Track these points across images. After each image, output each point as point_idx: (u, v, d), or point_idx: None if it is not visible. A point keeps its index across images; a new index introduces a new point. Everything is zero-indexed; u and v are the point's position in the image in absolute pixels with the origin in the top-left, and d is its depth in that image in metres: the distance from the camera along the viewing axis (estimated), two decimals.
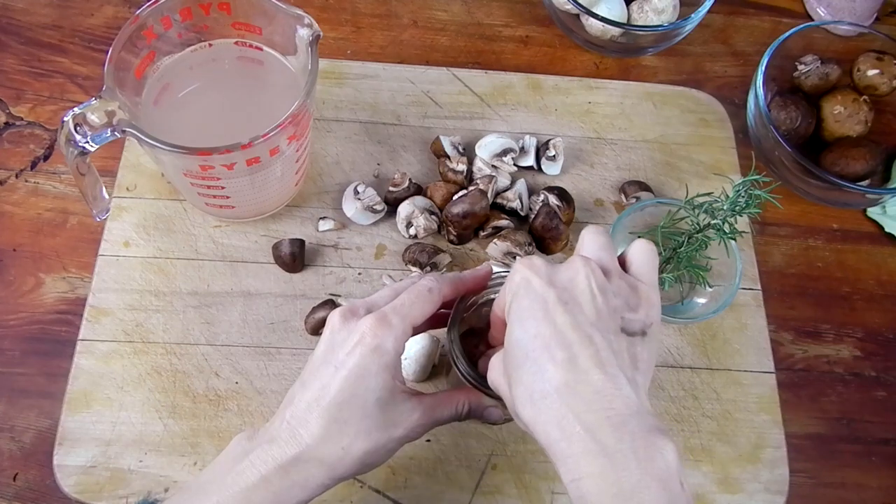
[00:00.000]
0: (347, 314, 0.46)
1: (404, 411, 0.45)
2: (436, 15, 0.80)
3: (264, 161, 0.56)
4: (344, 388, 0.43)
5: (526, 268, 0.42)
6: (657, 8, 0.76)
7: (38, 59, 0.74)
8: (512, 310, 0.42)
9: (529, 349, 0.40)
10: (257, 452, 0.43)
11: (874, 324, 0.69)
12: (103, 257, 0.64)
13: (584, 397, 0.38)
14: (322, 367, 0.45)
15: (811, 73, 0.74)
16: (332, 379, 0.44)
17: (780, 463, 0.61)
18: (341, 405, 0.43)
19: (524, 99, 0.74)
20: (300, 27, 0.56)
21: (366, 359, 0.43)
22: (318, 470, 0.43)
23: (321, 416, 0.43)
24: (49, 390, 0.60)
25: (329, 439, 0.43)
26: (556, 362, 0.39)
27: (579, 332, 0.39)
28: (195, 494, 0.44)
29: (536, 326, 0.40)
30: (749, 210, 0.57)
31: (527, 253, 0.64)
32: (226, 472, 0.43)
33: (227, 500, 0.42)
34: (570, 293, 0.41)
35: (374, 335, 0.44)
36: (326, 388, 0.43)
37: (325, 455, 0.43)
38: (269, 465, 0.42)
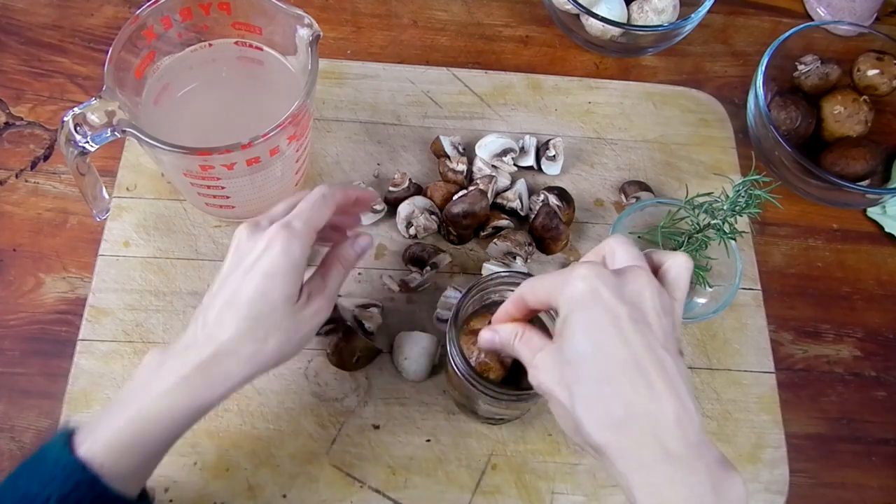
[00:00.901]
0: (252, 227, 0.49)
1: (309, 302, 0.49)
2: (436, 15, 0.80)
3: (264, 161, 0.56)
4: (256, 289, 0.46)
5: (593, 275, 0.41)
6: (657, 8, 0.76)
7: (38, 59, 0.74)
8: (577, 320, 0.41)
9: (604, 369, 0.39)
10: (175, 359, 0.46)
11: (874, 324, 0.69)
12: (103, 257, 0.64)
13: (664, 426, 0.38)
14: (232, 274, 0.47)
15: (811, 73, 0.74)
16: (243, 281, 0.46)
17: (780, 463, 0.61)
18: (252, 303, 0.46)
19: (524, 99, 0.74)
20: (300, 27, 0.56)
21: (275, 261, 0.46)
22: (237, 364, 0.46)
23: (235, 315, 0.46)
24: (49, 390, 0.59)
25: (244, 336, 0.46)
26: (636, 388, 0.38)
27: (653, 356, 0.39)
28: (115, 407, 0.45)
29: (611, 346, 0.39)
30: (749, 210, 0.57)
31: (527, 253, 0.64)
32: (144, 383, 0.45)
33: (148, 404, 0.44)
34: (640, 311, 0.40)
35: (282, 239, 0.47)
36: (238, 291, 0.46)
37: (242, 350, 0.46)
38: (187, 367, 0.45)
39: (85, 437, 0.43)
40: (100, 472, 0.42)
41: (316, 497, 0.57)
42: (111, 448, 0.43)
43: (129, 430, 0.44)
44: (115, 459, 0.43)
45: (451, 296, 0.63)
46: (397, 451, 0.59)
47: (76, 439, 0.43)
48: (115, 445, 0.43)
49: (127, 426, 0.44)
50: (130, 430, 0.44)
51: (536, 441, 0.60)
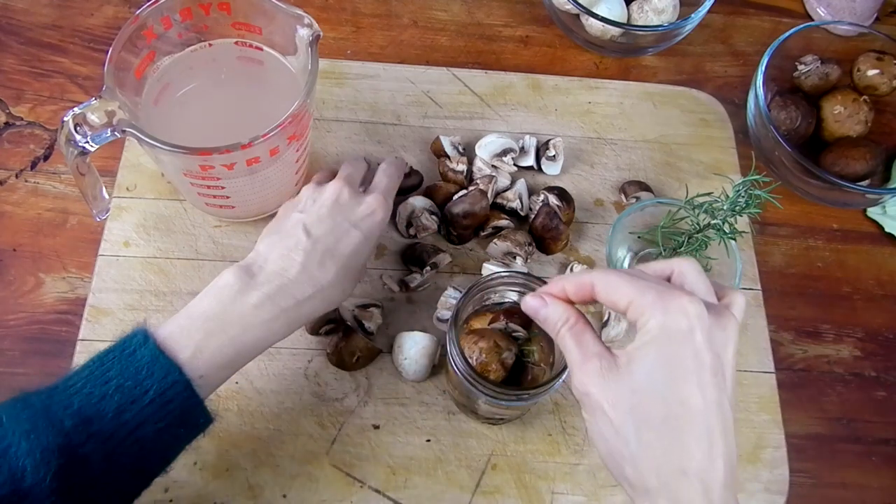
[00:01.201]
0: (350, 187, 0.56)
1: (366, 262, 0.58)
2: (436, 15, 0.80)
3: (264, 161, 0.56)
4: (357, 244, 0.53)
5: (695, 314, 0.39)
6: (657, 8, 0.76)
7: (38, 59, 0.74)
8: (661, 354, 0.39)
9: (674, 416, 0.38)
10: (273, 290, 0.50)
11: (874, 324, 0.69)
12: (103, 257, 0.64)
13: (714, 487, 0.38)
14: (335, 222, 0.54)
15: (811, 73, 0.74)
16: (347, 235, 0.53)
17: (780, 463, 0.61)
18: (351, 256, 0.53)
19: (524, 99, 0.74)
20: (300, 27, 0.56)
21: (376, 226, 0.55)
22: (322, 304, 0.52)
23: (336, 263, 0.52)
24: None
25: (337, 283, 0.52)
26: (700, 444, 0.38)
27: (721, 413, 0.38)
28: (212, 321, 0.48)
29: (688, 395, 0.38)
30: (749, 210, 0.57)
31: (527, 253, 0.64)
32: (238, 304, 0.49)
33: (252, 326, 0.48)
34: (720, 362, 0.39)
35: (384, 210, 0.56)
36: (342, 241, 0.53)
37: (331, 295, 0.52)
38: (287, 301, 0.50)
39: (184, 345, 0.46)
40: (198, 381, 0.45)
41: (316, 497, 0.57)
42: (213, 363, 0.47)
43: (230, 349, 0.48)
44: (214, 373, 0.47)
45: (451, 296, 0.63)
46: (397, 451, 0.59)
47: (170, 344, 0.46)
48: (217, 361, 0.47)
49: (229, 345, 0.47)
50: (232, 350, 0.48)
51: (536, 441, 0.60)
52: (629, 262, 0.67)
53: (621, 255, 0.67)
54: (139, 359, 0.45)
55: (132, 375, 0.44)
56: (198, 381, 0.46)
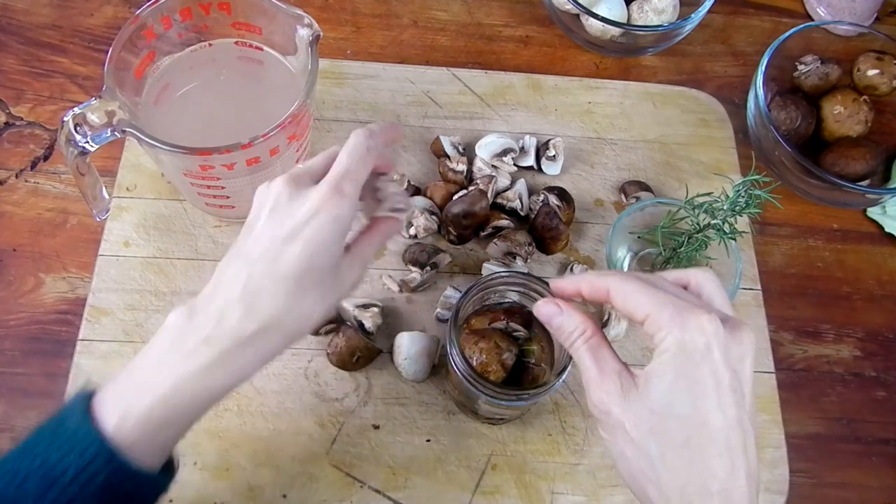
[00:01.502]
0: (292, 183, 0.44)
1: (348, 269, 0.46)
2: (436, 15, 0.80)
3: (264, 161, 0.56)
4: (303, 259, 0.42)
5: (712, 331, 0.38)
6: (657, 8, 0.76)
7: (38, 59, 0.74)
8: (680, 374, 0.38)
9: (695, 436, 0.38)
10: (209, 331, 0.42)
11: (874, 324, 0.69)
12: (103, 257, 0.64)
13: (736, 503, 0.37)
14: (272, 239, 0.43)
15: (811, 73, 0.74)
16: (287, 249, 0.42)
17: (780, 463, 0.61)
18: (301, 275, 0.42)
19: (524, 99, 0.74)
20: (300, 27, 0.56)
21: (324, 228, 0.43)
22: (278, 339, 0.43)
23: (280, 289, 0.42)
24: (49, 390, 0.59)
25: (291, 310, 0.42)
26: (721, 462, 0.37)
27: (741, 431, 0.38)
28: (147, 375, 0.42)
29: (708, 413, 0.38)
30: (749, 210, 0.57)
31: (527, 253, 0.64)
32: (173, 353, 0.42)
33: (185, 380, 0.41)
34: (739, 379, 0.39)
35: (332, 205, 0.43)
36: (282, 260, 0.42)
37: (285, 324, 0.43)
38: (226, 342, 0.41)
39: (113, 409, 0.40)
40: (130, 449, 0.39)
41: (316, 497, 0.57)
42: (143, 429, 0.40)
43: (162, 406, 0.41)
44: (148, 438, 0.41)
45: (451, 296, 0.63)
46: (397, 451, 0.59)
47: (100, 409, 0.40)
48: (147, 424, 0.40)
49: (161, 403, 0.41)
50: (165, 407, 0.41)
51: (536, 441, 0.60)
52: (629, 262, 0.67)
53: (621, 255, 0.67)
54: (66, 430, 0.40)
55: (57, 449, 0.39)
56: (128, 450, 0.39)
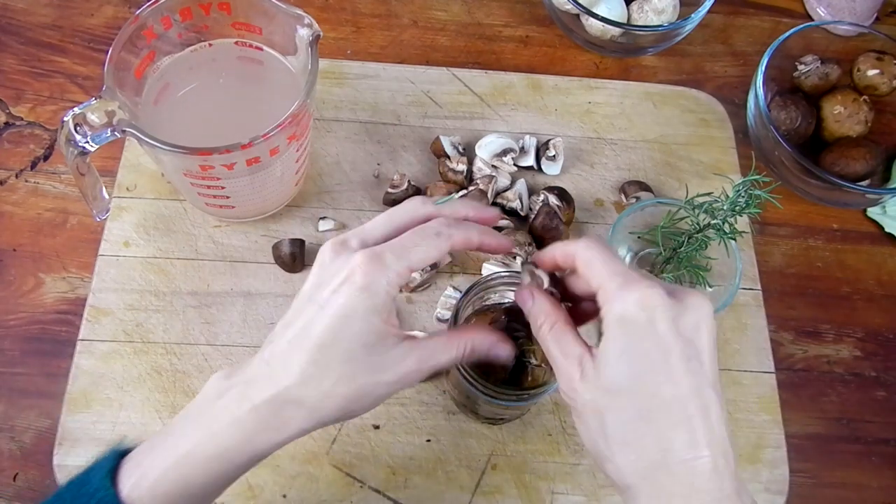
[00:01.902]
0: (338, 247, 0.41)
1: (395, 356, 0.41)
2: (436, 15, 0.80)
3: (264, 161, 0.56)
4: (327, 329, 0.39)
5: (653, 304, 0.37)
6: (657, 8, 0.76)
7: (38, 59, 0.74)
8: (623, 348, 0.37)
9: (645, 408, 0.37)
10: (232, 393, 0.40)
11: (874, 324, 0.69)
12: (103, 257, 0.64)
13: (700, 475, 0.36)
14: (306, 305, 0.41)
15: (811, 73, 0.74)
16: (315, 318, 0.40)
17: (780, 463, 0.61)
18: (323, 347, 0.39)
19: (524, 99, 0.74)
20: (300, 27, 0.56)
21: (353, 299, 0.39)
22: (297, 412, 0.40)
23: (301, 356, 0.39)
24: (49, 390, 0.59)
25: (308, 381, 0.39)
26: (676, 433, 0.36)
27: (700, 400, 0.36)
28: (170, 437, 0.41)
29: (657, 385, 0.36)
30: (749, 210, 0.57)
31: (527, 253, 0.64)
32: (200, 414, 0.41)
33: (200, 443, 0.40)
34: (695, 347, 0.37)
35: (364, 274, 0.39)
36: (309, 328, 0.40)
37: (304, 397, 0.40)
38: (243, 407, 0.40)
39: (133, 470, 0.39)
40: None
41: (316, 497, 0.57)
42: (155, 492, 0.39)
43: (175, 472, 0.39)
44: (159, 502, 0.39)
45: (451, 296, 0.63)
46: (397, 451, 0.59)
47: (124, 468, 0.40)
48: (160, 489, 0.39)
49: (174, 468, 0.39)
50: (177, 473, 0.39)
51: (536, 441, 0.60)
52: (629, 261, 0.67)
53: (621, 255, 0.67)
54: (89, 488, 0.39)
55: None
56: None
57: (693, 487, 0.36)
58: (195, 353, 0.61)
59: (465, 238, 0.42)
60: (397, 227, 0.43)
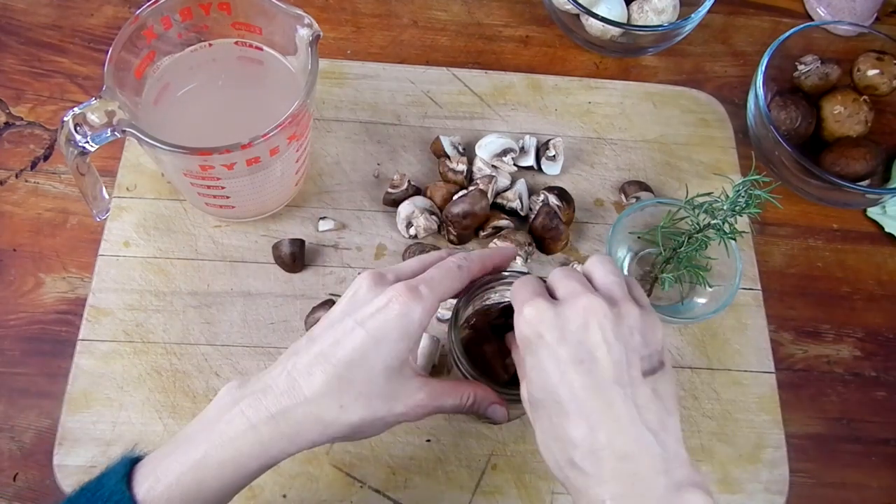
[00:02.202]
0: (377, 278, 0.44)
1: (410, 388, 0.44)
2: (436, 15, 0.80)
3: (264, 161, 0.56)
4: (358, 347, 0.41)
5: (535, 319, 0.40)
6: (657, 8, 0.76)
7: (38, 59, 0.74)
8: (526, 364, 0.42)
9: (552, 414, 0.40)
10: (249, 400, 0.41)
11: (874, 324, 0.69)
12: (103, 257, 0.64)
13: (608, 466, 0.38)
14: (340, 322, 0.43)
15: (811, 73, 0.74)
16: (348, 335, 0.42)
17: (780, 463, 0.61)
18: (351, 364, 0.41)
19: (524, 99, 0.74)
20: (300, 27, 0.56)
21: (390, 322, 0.42)
22: (312, 426, 0.41)
23: (327, 370, 0.41)
24: (49, 390, 0.59)
25: (329, 395, 0.41)
26: (578, 430, 0.39)
27: (598, 398, 0.38)
28: (183, 444, 0.42)
29: (555, 390, 0.39)
30: (749, 210, 0.57)
31: (527, 253, 0.64)
32: (214, 421, 0.42)
33: (214, 449, 0.41)
34: (585, 348, 0.39)
35: (404, 302, 0.42)
36: (339, 344, 0.42)
37: (321, 412, 0.41)
38: (260, 415, 0.41)
39: (147, 475, 0.40)
40: None
41: (316, 497, 0.57)
42: (170, 495, 0.40)
43: (190, 476, 0.40)
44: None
45: None
46: (397, 451, 0.59)
47: (138, 473, 0.40)
48: (175, 492, 0.40)
49: (189, 472, 0.40)
50: (191, 477, 0.40)
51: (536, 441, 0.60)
52: (629, 262, 0.67)
53: (621, 255, 0.67)
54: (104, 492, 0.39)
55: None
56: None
57: (597, 478, 0.38)
58: (195, 353, 0.61)
59: (481, 268, 0.48)
60: (425, 265, 0.47)
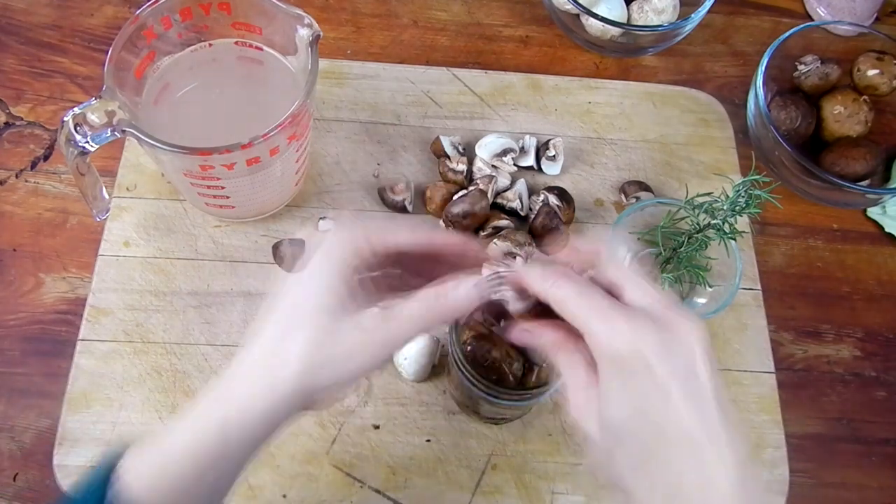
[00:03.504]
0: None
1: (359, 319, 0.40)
2: (436, 15, 0.80)
3: (264, 161, 0.56)
4: (292, 289, 0.41)
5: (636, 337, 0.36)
6: (657, 8, 0.76)
7: (38, 59, 0.74)
8: (619, 388, 0.37)
9: (652, 447, 0.37)
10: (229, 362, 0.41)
11: (874, 324, 0.69)
12: (103, 257, 0.64)
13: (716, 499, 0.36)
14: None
15: (811, 73, 0.74)
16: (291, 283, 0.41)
17: (780, 463, 0.61)
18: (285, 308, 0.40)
19: (524, 99, 0.74)
20: (300, 27, 0.56)
21: (319, 260, 0.40)
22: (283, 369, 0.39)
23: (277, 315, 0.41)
24: (49, 390, 0.59)
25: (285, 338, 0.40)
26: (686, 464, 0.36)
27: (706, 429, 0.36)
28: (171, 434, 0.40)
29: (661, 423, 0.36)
30: (749, 210, 0.57)
31: (527, 253, 0.64)
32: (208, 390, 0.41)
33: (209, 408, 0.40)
34: (693, 377, 0.36)
35: (333, 237, 0.41)
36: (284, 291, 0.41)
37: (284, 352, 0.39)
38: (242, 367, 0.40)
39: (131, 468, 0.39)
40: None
41: (316, 497, 0.57)
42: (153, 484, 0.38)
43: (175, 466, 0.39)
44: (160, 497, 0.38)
45: None
46: (397, 451, 0.59)
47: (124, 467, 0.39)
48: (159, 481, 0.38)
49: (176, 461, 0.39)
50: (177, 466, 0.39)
51: (536, 441, 0.60)
52: (629, 262, 0.67)
53: (621, 255, 0.67)
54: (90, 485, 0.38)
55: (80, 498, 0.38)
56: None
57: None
58: (195, 353, 0.61)
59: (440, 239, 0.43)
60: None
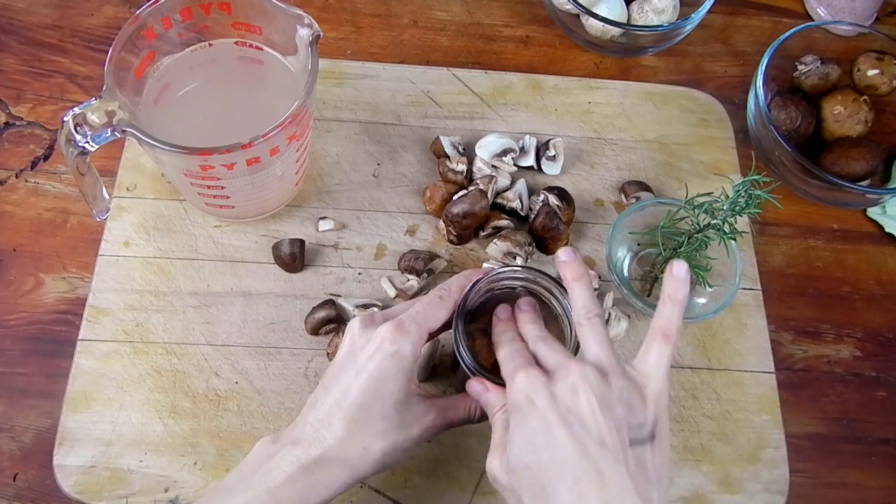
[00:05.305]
0: (366, 321, 0.49)
1: (419, 412, 0.48)
2: (436, 15, 0.80)
3: (264, 161, 0.56)
4: (365, 391, 0.46)
5: (527, 385, 0.43)
6: (657, 8, 0.76)
7: (38, 59, 0.74)
8: (515, 425, 0.43)
9: (539, 476, 0.41)
10: (283, 454, 0.46)
11: (874, 324, 0.69)
12: (103, 257, 0.64)
13: None
14: (343, 372, 0.47)
15: (811, 73, 0.74)
16: (353, 382, 0.46)
17: (780, 463, 0.61)
18: (362, 407, 0.46)
19: (524, 99, 0.74)
20: (300, 27, 0.56)
21: (385, 363, 0.46)
22: (341, 470, 0.46)
23: (343, 417, 0.46)
24: (49, 390, 0.59)
25: (350, 440, 0.45)
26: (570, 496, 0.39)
27: (587, 462, 0.39)
28: (223, 495, 0.45)
29: (547, 456, 0.41)
30: (749, 210, 0.57)
31: (527, 253, 0.64)
32: (252, 473, 0.46)
33: (254, 499, 0.44)
34: (574, 413, 0.41)
35: (392, 341, 0.46)
36: (348, 391, 0.46)
37: (347, 455, 0.46)
38: (293, 466, 0.45)
39: None
40: None
41: None
42: None
43: None
44: None
45: None
46: None
47: None
48: None
49: None
50: None
51: None
52: (629, 262, 0.67)
53: (621, 255, 0.67)
54: None
55: None
56: None
57: None
58: (195, 353, 0.61)
59: (459, 288, 0.50)
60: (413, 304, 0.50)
